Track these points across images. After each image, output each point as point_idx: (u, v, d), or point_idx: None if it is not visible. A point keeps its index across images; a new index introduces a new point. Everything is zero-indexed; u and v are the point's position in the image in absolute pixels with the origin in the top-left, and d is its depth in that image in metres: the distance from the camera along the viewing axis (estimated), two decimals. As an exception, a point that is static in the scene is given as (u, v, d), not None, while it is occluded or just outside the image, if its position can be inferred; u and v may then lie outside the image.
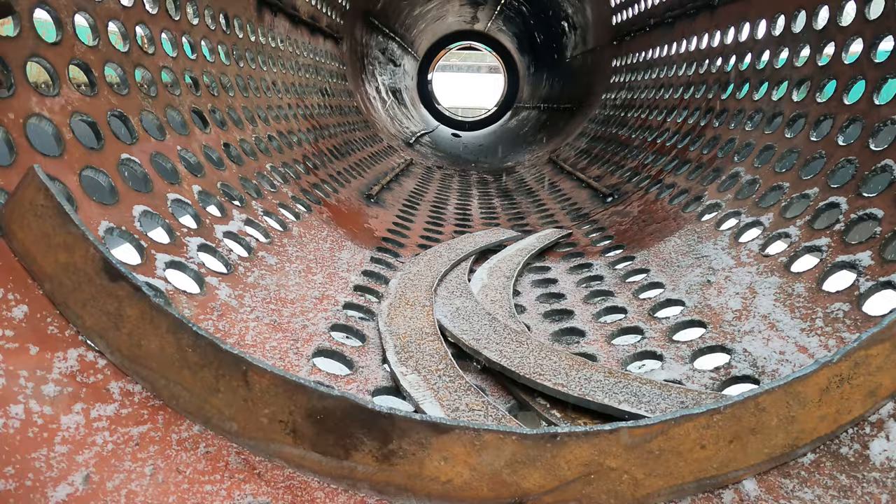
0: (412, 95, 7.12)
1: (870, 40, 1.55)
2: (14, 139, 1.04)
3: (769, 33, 2.09)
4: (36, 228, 0.87)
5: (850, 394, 0.85)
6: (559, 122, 4.77)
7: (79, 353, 0.85)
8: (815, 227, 1.36)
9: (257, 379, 0.79)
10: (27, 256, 0.88)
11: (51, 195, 0.86)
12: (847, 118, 1.52)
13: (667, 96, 2.85)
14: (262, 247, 1.48)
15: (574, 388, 1.05)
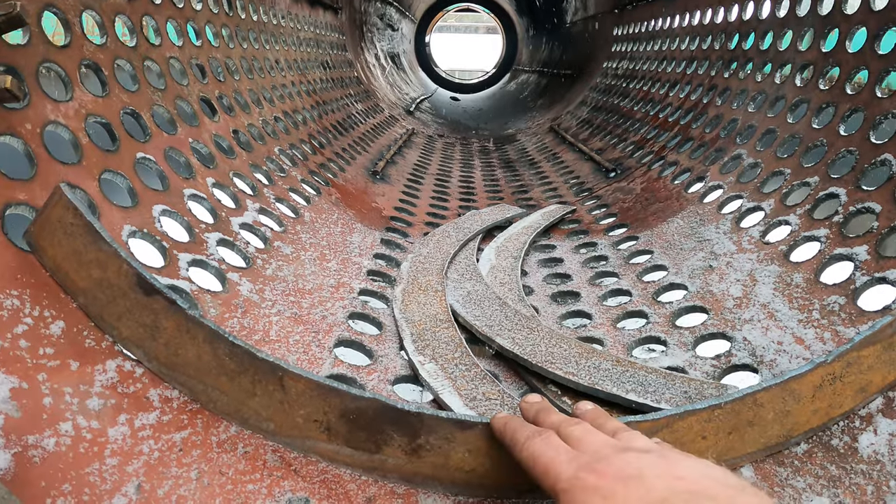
0: (410, 59, 7.10)
1: (874, 31, 1.57)
2: (33, 150, 1.06)
3: (773, 14, 2.10)
4: (66, 246, 0.91)
5: (842, 390, 0.91)
6: (560, 88, 4.78)
7: (117, 364, 0.90)
8: (814, 216, 1.40)
9: (293, 384, 0.85)
10: (59, 272, 0.92)
11: (79, 213, 0.90)
12: (849, 108, 1.54)
13: (669, 69, 2.87)
14: (276, 236, 1.52)
15: (584, 377, 1.11)
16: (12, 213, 0.97)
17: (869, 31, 1.59)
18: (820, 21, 1.82)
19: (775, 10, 2.10)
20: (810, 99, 1.72)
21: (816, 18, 1.84)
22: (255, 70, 2.23)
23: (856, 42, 1.66)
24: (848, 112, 1.54)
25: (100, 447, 0.80)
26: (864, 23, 1.62)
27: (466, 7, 8.21)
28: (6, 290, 0.88)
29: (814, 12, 1.86)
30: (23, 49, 1.14)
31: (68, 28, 1.29)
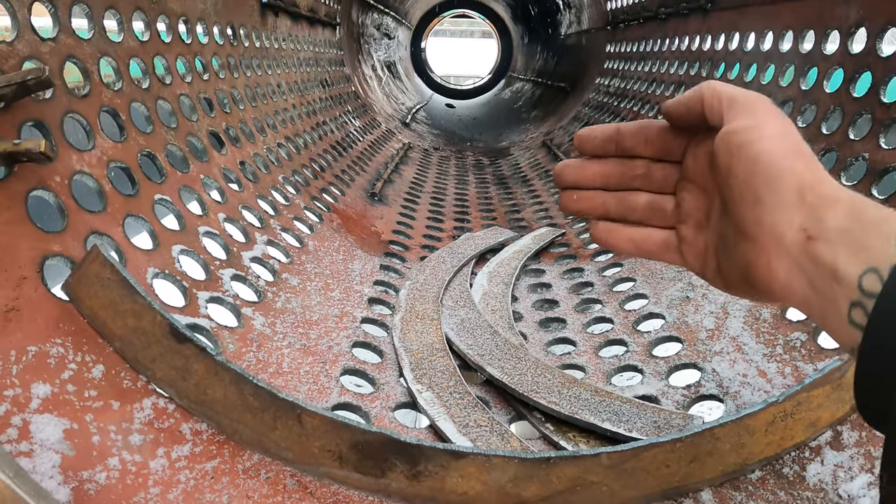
0: (406, 66, 7.21)
1: (850, 73, 1.67)
2: (63, 202, 1.15)
3: (758, 47, 2.21)
4: (103, 297, 1.03)
5: (793, 425, 1.03)
6: (553, 100, 4.90)
7: (152, 402, 1.02)
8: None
9: (309, 419, 0.97)
10: (96, 320, 1.04)
11: (115, 269, 1.02)
12: (823, 147, 1.65)
13: (658, 92, 2.98)
14: (284, 268, 1.64)
15: (565, 407, 1.23)
16: (49, 265, 1.09)
17: (846, 73, 1.69)
18: (801, 58, 1.93)
19: (759, 44, 2.21)
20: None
21: (797, 55, 1.95)
22: (258, 97, 2.35)
23: (833, 82, 1.77)
24: (822, 152, 1.64)
25: (143, 478, 0.91)
26: (841, 64, 1.72)
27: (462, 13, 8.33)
28: (52, 339, 1.00)
29: (795, 50, 1.97)
30: (48, 103, 1.23)
31: (87, 77, 1.39)
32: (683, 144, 0.73)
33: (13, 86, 1.07)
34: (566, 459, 0.98)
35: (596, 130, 0.78)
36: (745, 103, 0.63)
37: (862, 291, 0.48)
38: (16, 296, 0.99)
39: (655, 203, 0.76)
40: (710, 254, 0.69)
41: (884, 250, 0.48)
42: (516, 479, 0.98)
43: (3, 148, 1.03)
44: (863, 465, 1.01)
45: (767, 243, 0.58)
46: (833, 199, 0.54)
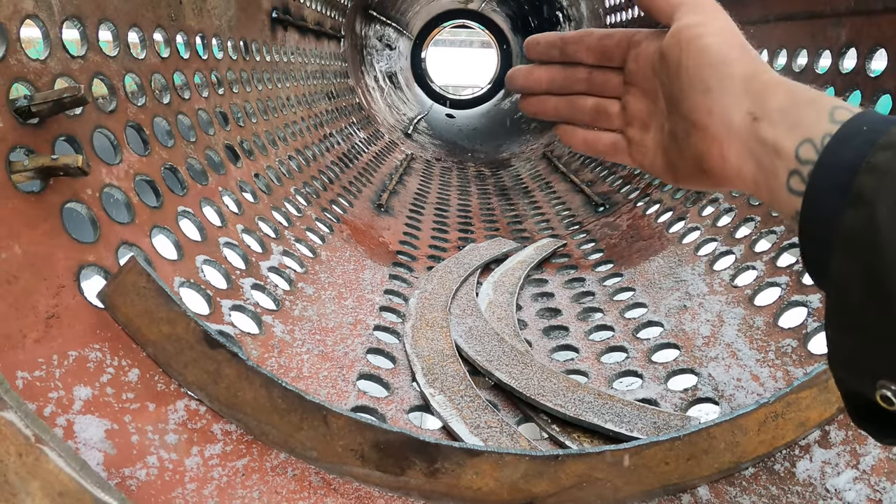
0: (407, 76, 7.29)
1: (841, 92, 1.74)
2: (96, 214, 1.22)
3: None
4: (139, 305, 1.09)
5: (784, 425, 1.10)
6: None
7: (185, 404, 1.09)
8: (777, 264, 1.58)
9: (334, 420, 1.04)
10: (131, 326, 1.11)
11: (152, 279, 1.09)
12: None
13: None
14: (299, 277, 1.71)
15: (570, 409, 1.30)
16: (84, 274, 1.16)
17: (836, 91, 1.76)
18: (794, 76, 2.00)
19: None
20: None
21: (790, 74, 2.02)
22: (269, 111, 2.42)
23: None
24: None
25: (180, 475, 0.98)
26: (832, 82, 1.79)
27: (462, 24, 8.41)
28: (91, 344, 1.07)
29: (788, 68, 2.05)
30: (79, 118, 1.30)
31: (114, 93, 1.46)
32: (623, 51, 0.76)
33: (49, 103, 1.14)
34: (573, 457, 1.05)
35: (540, 37, 0.82)
36: (693, 2, 0.67)
37: (798, 160, 0.53)
38: (55, 304, 1.06)
39: (601, 106, 0.80)
40: (658, 152, 0.73)
41: (817, 124, 0.53)
42: (527, 475, 1.05)
43: (41, 163, 1.10)
44: (848, 462, 1.08)
45: (718, 131, 0.61)
46: (774, 84, 0.59)
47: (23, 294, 1.02)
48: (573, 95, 0.82)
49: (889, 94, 1.55)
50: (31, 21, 1.22)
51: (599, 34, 0.78)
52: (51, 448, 0.67)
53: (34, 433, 0.67)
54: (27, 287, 1.03)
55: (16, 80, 1.16)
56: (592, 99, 0.81)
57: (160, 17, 1.70)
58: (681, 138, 0.67)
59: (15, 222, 1.07)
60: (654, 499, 1.11)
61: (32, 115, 1.15)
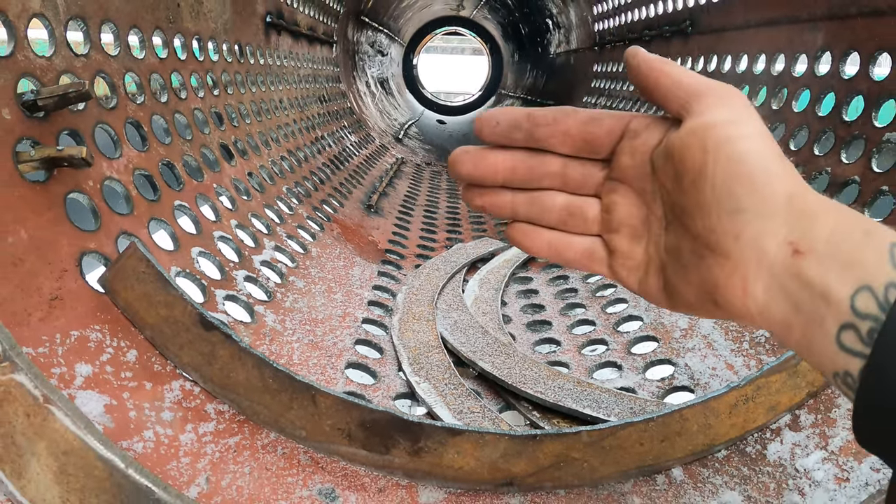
0: (398, 82, 7.35)
1: (816, 94, 1.81)
2: (97, 205, 1.27)
3: (734, 69, 2.35)
4: (138, 290, 1.14)
5: (754, 409, 1.16)
6: (541, 118, 5.03)
7: (180, 384, 1.14)
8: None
9: (323, 400, 1.09)
10: (130, 310, 1.15)
11: (150, 264, 1.14)
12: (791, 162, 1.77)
13: (642, 111, 3.12)
14: (291, 271, 1.76)
15: (550, 395, 1.36)
16: (86, 260, 1.20)
17: (812, 93, 1.83)
18: (773, 80, 2.07)
19: (735, 66, 2.35)
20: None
21: (769, 77, 2.09)
22: (262, 112, 2.47)
23: (801, 102, 1.90)
24: (787, 165, 1.78)
25: (175, 449, 1.03)
26: (808, 86, 1.86)
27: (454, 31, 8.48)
28: (92, 325, 1.11)
29: (767, 72, 2.11)
30: (81, 114, 1.35)
31: (114, 91, 1.51)
32: (614, 140, 0.61)
33: (55, 97, 1.19)
34: (551, 437, 1.10)
35: (500, 114, 0.64)
36: (721, 94, 0.54)
37: (855, 313, 0.43)
38: (59, 286, 1.11)
39: (574, 207, 0.64)
40: (650, 270, 0.60)
41: (878, 266, 0.43)
42: (506, 455, 1.10)
43: (47, 154, 1.15)
44: (818, 444, 1.13)
45: (745, 260, 0.50)
46: (821, 208, 0.48)
47: (28, 276, 1.07)
48: (538, 191, 0.65)
49: (862, 96, 1.61)
50: (38, 20, 1.27)
51: (583, 116, 0.62)
52: (58, 408, 0.71)
53: (43, 394, 0.72)
54: (32, 269, 1.08)
55: (23, 76, 1.21)
56: (563, 196, 0.65)
57: (159, 19, 1.75)
58: (687, 259, 0.55)
59: (21, 209, 1.12)
60: (629, 479, 1.16)
61: (38, 108, 1.20)
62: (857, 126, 1.60)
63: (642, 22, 3.35)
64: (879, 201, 1.45)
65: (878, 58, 1.63)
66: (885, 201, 1.43)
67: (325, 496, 1.08)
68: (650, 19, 3.24)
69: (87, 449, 0.71)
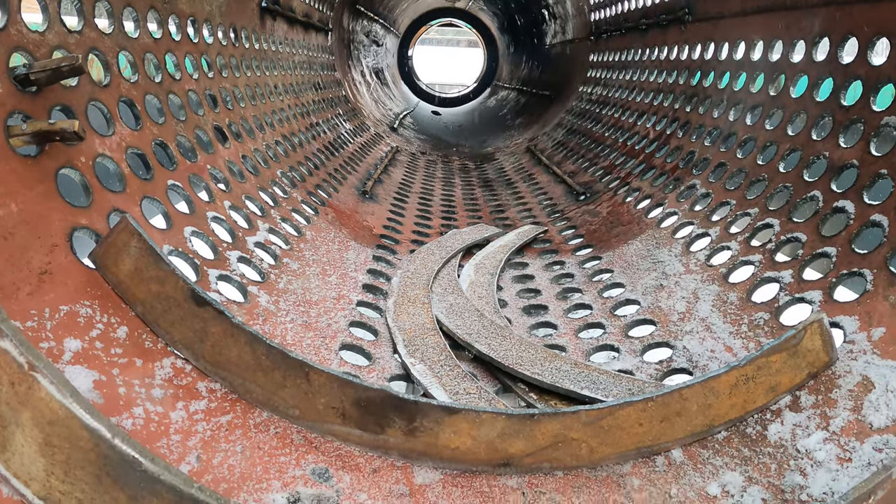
0: (393, 73, 7.32)
1: (814, 79, 1.80)
2: (88, 181, 1.25)
3: (731, 57, 2.34)
4: (129, 265, 1.12)
5: (755, 389, 1.14)
6: (537, 108, 5.02)
7: (171, 362, 1.12)
8: (751, 243, 1.64)
9: (316, 377, 1.07)
10: (121, 286, 1.13)
11: (143, 238, 1.12)
12: (788, 147, 1.78)
13: (638, 99, 3.12)
14: (285, 253, 1.74)
15: (547, 377, 1.34)
16: (77, 236, 1.18)
17: (810, 79, 1.81)
18: (770, 67, 2.05)
19: (732, 53, 2.33)
20: (757, 137, 1.96)
21: (767, 64, 2.08)
22: (257, 97, 2.45)
23: (798, 88, 1.89)
24: (787, 151, 1.77)
25: (165, 427, 1.01)
26: (805, 71, 1.84)
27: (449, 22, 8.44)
28: (81, 301, 1.09)
29: (765, 59, 2.09)
30: (74, 91, 1.33)
31: (108, 69, 1.49)
32: None
33: (48, 71, 1.17)
34: (549, 416, 1.08)
35: None
36: None
37: None
38: (48, 261, 1.09)
39: None
40: None
41: None
42: (504, 434, 1.08)
43: (38, 127, 1.13)
44: (819, 424, 1.12)
45: None
46: None
47: (18, 249, 1.05)
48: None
49: (860, 80, 1.60)
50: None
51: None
52: (43, 375, 0.69)
53: (28, 360, 0.69)
54: (22, 243, 1.06)
55: (15, 50, 1.19)
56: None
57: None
58: None
59: (12, 182, 1.09)
60: (628, 461, 1.14)
61: (31, 82, 1.18)
62: (855, 111, 1.59)
63: (639, 11, 3.33)
64: (878, 184, 1.44)
65: (876, 43, 1.61)
66: (883, 184, 1.42)
67: (318, 476, 1.06)
68: (647, 8, 3.22)
69: (73, 418, 0.69)
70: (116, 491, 0.67)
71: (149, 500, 0.66)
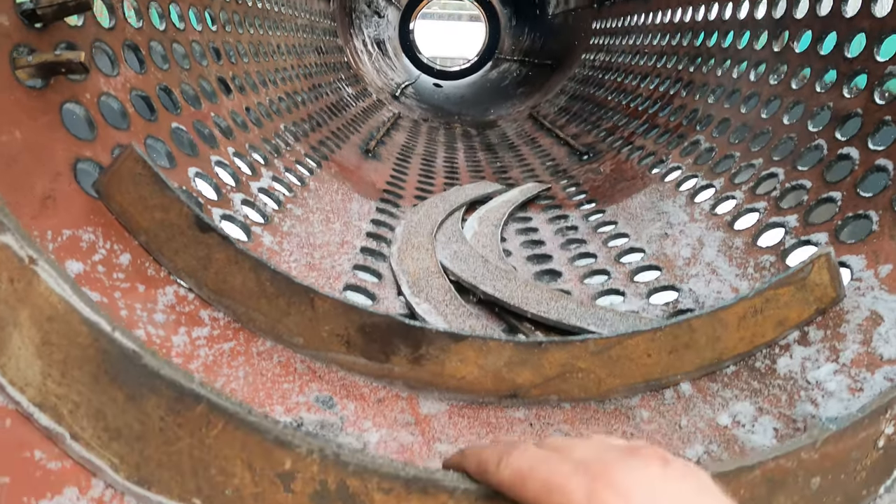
0: (395, 45, 7.27)
1: (817, 34, 1.79)
2: (93, 116, 1.25)
3: (735, 15, 2.32)
4: (133, 192, 1.11)
5: (763, 322, 1.13)
6: (539, 77, 4.99)
7: (174, 290, 1.11)
8: (756, 192, 1.63)
9: (321, 303, 1.06)
10: (124, 215, 1.12)
11: (148, 165, 1.10)
12: (792, 100, 1.77)
13: (641, 62, 3.09)
14: (288, 200, 1.72)
15: (553, 314, 1.33)
16: (81, 168, 1.17)
17: (813, 34, 1.80)
18: (773, 23, 2.04)
19: (736, 13, 2.32)
20: (761, 92, 1.94)
21: (770, 21, 2.06)
22: (260, 54, 2.43)
23: (802, 43, 1.88)
24: (791, 104, 1.76)
25: (167, 350, 1.00)
26: (810, 26, 1.83)
27: (451, -4, 8.40)
28: (83, 226, 1.08)
29: (769, 16, 2.08)
30: (80, 29, 1.32)
31: (112, 12, 1.48)
32: None
33: (54, 6, 1.15)
34: (557, 345, 1.08)
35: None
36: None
37: None
38: (52, 187, 1.08)
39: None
40: None
41: None
42: (510, 363, 1.08)
43: (44, 59, 1.11)
44: (829, 357, 1.11)
45: None
46: None
47: (22, 174, 1.04)
48: None
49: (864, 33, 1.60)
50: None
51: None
52: (43, 269, 0.68)
53: (28, 255, 0.68)
54: (26, 169, 1.05)
55: (21, -14, 1.17)
56: None
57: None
58: None
59: (16, 112, 1.08)
60: (637, 394, 1.14)
61: (37, 18, 1.16)
62: (859, 62, 1.58)
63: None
64: (883, 131, 1.43)
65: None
66: (888, 131, 1.41)
67: (322, 403, 1.05)
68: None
69: (72, 312, 0.67)
70: (114, 390, 0.66)
71: (147, 398, 0.65)
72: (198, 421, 0.64)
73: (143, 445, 0.66)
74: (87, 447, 0.68)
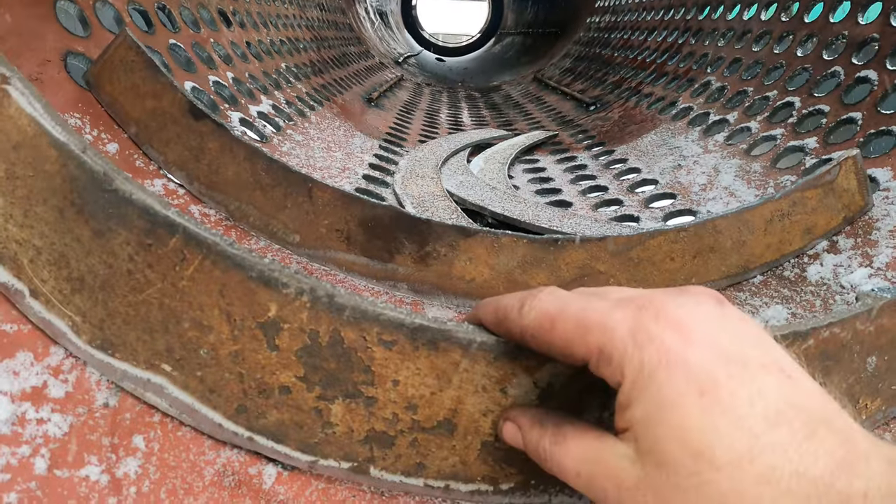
0: (397, 20, 7.19)
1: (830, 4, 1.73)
2: (87, 16, 1.19)
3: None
4: (125, 81, 1.05)
5: (790, 228, 1.07)
6: (543, 46, 4.92)
7: (163, 183, 1.04)
8: (772, 121, 1.58)
9: (320, 194, 1.00)
10: (114, 105, 1.06)
11: (141, 51, 1.04)
12: (806, 34, 1.72)
13: (648, 18, 3.02)
14: (288, 126, 1.66)
15: (567, 229, 1.27)
16: (72, 62, 1.11)
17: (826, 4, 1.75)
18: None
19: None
20: (773, 30, 1.88)
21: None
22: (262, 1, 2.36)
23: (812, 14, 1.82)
24: (805, 37, 1.71)
25: (158, 237, 0.94)
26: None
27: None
28: (70, 112, 1.01)
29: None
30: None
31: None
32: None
33: None
34: (574, 244, 1.01)
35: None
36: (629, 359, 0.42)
37: None
38: (40, 71, 1.01)
39: None
40: None
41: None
42: (524, 264, 1.01)
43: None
44: (861, 262, 1.05)
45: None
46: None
47: (8, 54, 0.97)
48: None
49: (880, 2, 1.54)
50: None
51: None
52: (16, 87, 0.61)
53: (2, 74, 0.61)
54: (13, 49, 0.98)
55: None
56: None
57: None
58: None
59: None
60: (660, 303, 1.07)
61: None
62: (871, 28, 1.52)
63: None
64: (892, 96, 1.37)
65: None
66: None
67: (322, 303, 0.98)
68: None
69: (42, 135, 0.60)
70: (80, 227, 0.58)
71: (116, 233, 0.57)
72: (171, 258, 0.56)
73: (108, 296, 0.58)
74: (47, 305, 0.60)
